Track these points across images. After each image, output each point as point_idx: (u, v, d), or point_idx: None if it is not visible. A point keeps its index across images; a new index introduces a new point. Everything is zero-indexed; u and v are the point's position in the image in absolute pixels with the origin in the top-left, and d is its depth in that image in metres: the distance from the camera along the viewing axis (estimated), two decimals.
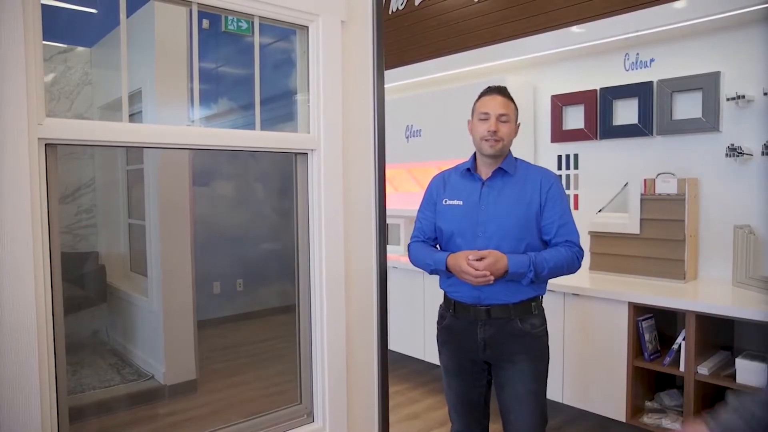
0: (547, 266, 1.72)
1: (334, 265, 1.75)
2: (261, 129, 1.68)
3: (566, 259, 1.75)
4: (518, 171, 1.83)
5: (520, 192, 1.79)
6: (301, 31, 1.74)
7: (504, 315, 1.78)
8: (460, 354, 1.88)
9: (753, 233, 2.58)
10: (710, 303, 2.37)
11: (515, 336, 1.78)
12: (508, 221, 1.76)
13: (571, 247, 1.77)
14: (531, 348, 1.79)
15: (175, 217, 3.29)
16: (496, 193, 1.81)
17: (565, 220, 1.78)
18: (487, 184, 1.83)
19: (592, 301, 2.69)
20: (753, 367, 2.26)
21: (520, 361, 1.78)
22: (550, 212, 1.78)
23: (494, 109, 1.80)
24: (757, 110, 2.61)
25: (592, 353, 2.70)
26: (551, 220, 1.77)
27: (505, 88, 1.86)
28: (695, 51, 2.80)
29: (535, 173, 1.83)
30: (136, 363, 3.52)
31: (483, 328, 1.80)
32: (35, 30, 1.23)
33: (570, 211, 1.83)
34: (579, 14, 3.20)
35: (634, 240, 2.87)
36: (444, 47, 4.00)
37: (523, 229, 1.76)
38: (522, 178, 1.82)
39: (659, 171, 2.88)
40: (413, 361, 3.70)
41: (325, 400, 1.76)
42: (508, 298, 1.77)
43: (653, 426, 2.51)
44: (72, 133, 1.31)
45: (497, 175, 1.83)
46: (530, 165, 1.89)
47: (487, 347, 1.80)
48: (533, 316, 1.80)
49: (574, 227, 1.80)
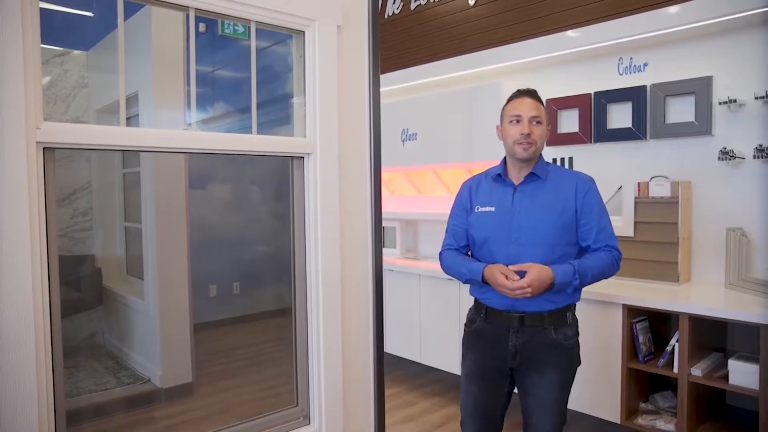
0: (590, 273, 1.70)
1: (330, 268, 1.76)
2: (257, 133, 1.70)
3: (607, 264, 1.72)
4: (550, 175, 1.80)
5: (554, 198, 1.75)
6: (297, 36, 1.76)
7: (538, 323, 1.74)
8: (486, 360, 1.83)
9: (745, 236, 2.61)
10: (703, 305, 2.39)
11: (548, 346, 1.75)
12: (542, 228, 1.73)
13: (611, 251, 1.74)
14: (561, 360, 1.76)
15: (171, 220, 3.29)
16: (529, 199, 1.77)
17: (603, 225, 1.76)
18: (519, 189, 1.79)
19: (586, 304, 2.71)
20: (745, 368, 2.28)
21: (548, 373, 1.75)
22: (588, 218, 1.74)
23: (526, 111, 1.76)
24: (748, 114, 2.64)
25: (587, 355, 2.70)
26: (590, 226, 1.74)
27: (534, 91, 1.84)
28: (688, 55, 2.83)
29: (569, 178, 1.80)
30: (133, 366, 3.52)
31: (515, 336, 1.75)
32: (33, 34, 1.24)
33: (607, 214, 1.80)
34: (573, 19, 3.23)
35: (628, 243, 2.88)
36: (440, 51, 4.02)
37: (557, 235, 1.73)
38: (555, 183, 1.78)
39: (653, 174, 2.90)
40: (409, 364, 3.71)
41: (321, 403, 1.77)
42: (542, 306, 1.73)
43: (648, 427, 2.53)
44: (70, 137, 1.32)
45: (529, 180, 1.79)
46: (562, 169, 1.87)
47: (517, 354, 1.76)
48: (567, 326, 1.77)
49: (611, 231, 1.78)
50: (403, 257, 4.08)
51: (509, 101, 1.84)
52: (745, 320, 2.25)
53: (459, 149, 3.69)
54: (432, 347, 3.52)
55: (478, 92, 3.57)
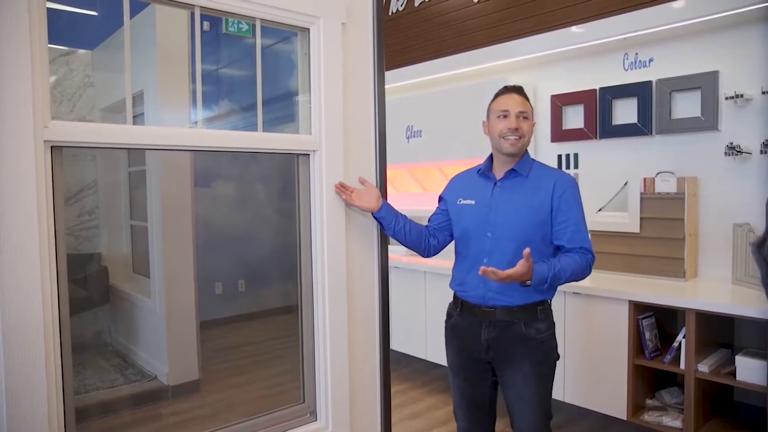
0: (563, 276, 1.70)
1: (335, 266, 1.77)
2: (263, 130, 1.70)
3: (581, 267, 1.73)
4: (532, 172, 1.81)
5: (531, 194, 1.77)
6: (302, 33, 1.76)
7: (508, 318, 1.77)
8: (464, 353, 1.89)
9: (752, 231, 2.59)
10: (710, 301, 2.38)
11: (518, 340, 1.77)
12: (515, 222, 1.75)
13: (585, 254, 1.75)
14: (534, 353, 1.77)
15: (177, 218, 3.30)
16: (507, 193, 1.80)
17: (579, 227, 1.76)
18: (499, 184, 1.83)
19: (592, 300, 2.70)
20: (753, 364, 2.27)
21: (522, 366, 1.77)
22: (564, 216, 1.75)
23: (513, 106, 1.79)
24: (755, 109, 2.62)
25: (593, 352, 2.72)
26: (564, 225, 1.75)
27: (521, 87, 1.86)
28: (694, 50, 2.81)
29: (550, 177, 1.80)
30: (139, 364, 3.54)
31: (487, 330, 1.80)
32: (41, 33, 1.24)
33: (584, 216, 1.80)
34: (578, 14, 3.22)
35: (634, 239, 2.88)
36: (444, 48, 4.02)
37: (530, 231, 1.75)
38: (535, 181, 1.79)
39: (659, 170, 2.89)
40: (415, 361, 3.71)
41: (327, 399, 1.77)
42: (512, 300, 1.76)
43: (654, 424, 2.52)
44: (77, 136, 1.32)
45: (510, 175, 1.82)
46: (547, 167, 1.87)
47: (490, 349, 1.81)
48: (538, 320, 1.78)
49: (587, 234, 1.79)
50: (409, 254, 4.08)
51: (496, 97, 1.87)
52: (752, 316, 2.24)
53: (464, 146, 3.68)
54: (438, 344, 3.51)
55: (483, 89, 3.54)
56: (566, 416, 2.95)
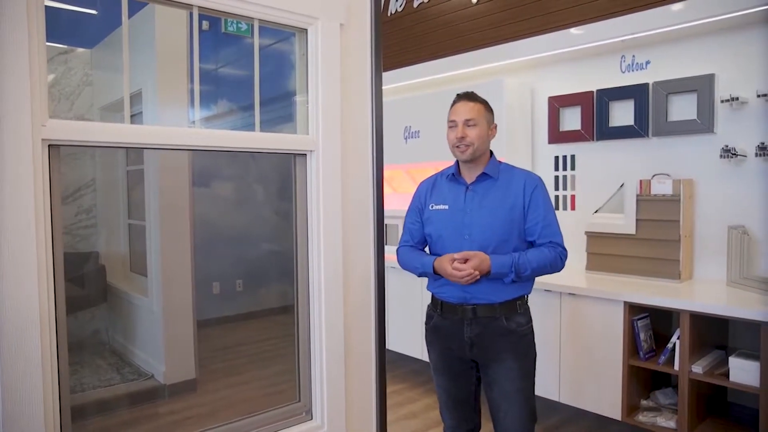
0: (529, 267, 1.75)
1: (332, 265, 1.77)
2: (261, 130, 1.71)
3: (549, 260, 1.78)
4: (501, 174, 1.86)
5: (503, 196, 1.82)
6: (300, 34, 1.77)
7: (490, 314, 1.81)
8: (447, 353, 1.91)
9: (747, 234, 2.61)
10: (704, 302, 2.39)
11: (501, 335, 1.81)
12: (491, 224, 1.79)
13: (555, 247, 1.80)
14: (517, 346, 1.82)
15: (175, 217, 3.31)
16: (480, 197, 1.84)
17: (549, 222, 1.81)
18: (471, 188, 1.86)
19: (588, 301, 2.72)
20: (746, 365, 2.28)
21: (506, 360, 1.81)
22: (534, 214, 1.81)
23: (460, 115, 1.82)
24: (750, 112, 2.64)
25: (588, 352, 2.73)
26: (535, 222, 1.81)
27: (472, 93, 1.88)
28: (690, 53, 2.83)
29: (519, 177, 1.85)
30: (136, 362, 3.54)
31: (469, 327, 1.82)
32: (39, 32, 1.25)
33: (554, 212, 1.86)
34: (576, 17, 3.23)
35: (629, 240, 2.89)
36: (442, 49, 4.03)
37: (506, 231, 1.80)
38: (505, 182, 1.84)
39: (655, 172, 2.91)
40: (411, 361, 3.72)
41: (323, 398, 1.78)
42: (493, 297, 1.80)
43: (648, 424, 2.54)
44: (75, 134, 1.33)
45: (481, 179, 1.85)
46: (514, 168, 1.91)
47: (474, 346, 1.83)
48: (518, 314, 1.83)
49: (557, 228, 1.84)
50: None
51: (451, 106, 1.89)
52: (746, 317, 2.25)
53: None
54: None
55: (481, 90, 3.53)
56: (561, 417, 2.96)
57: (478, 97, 1.88)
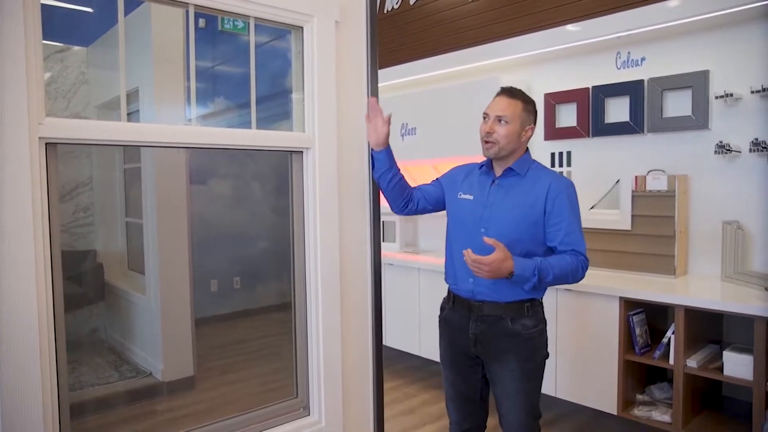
0: (552, 273, 1.68)
1: (328, 262, 1.78)
2: (258, 128, 1.71)
3: (571, 268, 1.71)
4: (530, 173, 1.80)
5: (526, 195, 1.77)
6: (296, 32, 1.77)
7: (495, 313, 1.78)
8: (454, 346, 1.91)
9: (741, 229, 2.63)
10: (699, 297, 2.41)
11: (505, 335, 1.78)
12: (508, 221, 1.76)
13: (577, 256, 1.73)
14: (520, 349, 1.77)
15: (172, 215, 3.31)
16: (503, 192, 1.80)
17: (572, 229, 1.74)
18: (497, 182, 1.83)
19: (584, 296, 2.73)
20: (740, 359, 2.31)
21: (509, 361, 1.78)
22: (556, 219, 1.74)
23: (493, 109, 1.78)
24: (744, 108, 2.65)
25: (585, 348, 2.75)
26: (557, 228, 1.74)
27: (514, 89, 1.81)
28: (685, 50, 2.84)
29: (546, 178, 1.79)
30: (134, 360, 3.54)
31: (475, 324, 1.82)
32: (35, 30, 1.25)
33: (579, 221, 1.78)
34: (571, 13, 3.24)
35: (625, 236, 2.91)
36: (438, 46, 4.03)
37: (522, 231, 1.75)
38: (532, 181, 1.79)
39: (650, 168, 2.92)
40: (410, 357, 3.74)
41: (320, 395, 1.79)
42: (500, 296, 1.77)
43: (644, 418, 2.56)
44: (72, 133, 1.33)
45: (507, 174, 1.82)
46: (545, 169, 1.85)
47: (477, 343, 1.82)
48: (526, 317, 1.78)
49: (581, 237, 1.76)
50: (403, 251, 4.11)
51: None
52: (739, 312, 2.27)
53: (458, 144, 3.70)
54: (431, 341, 3.53)
55: (477, 87, 3.58)
56: (558, 411, 2.98)
57: (521, 94, 1.80)
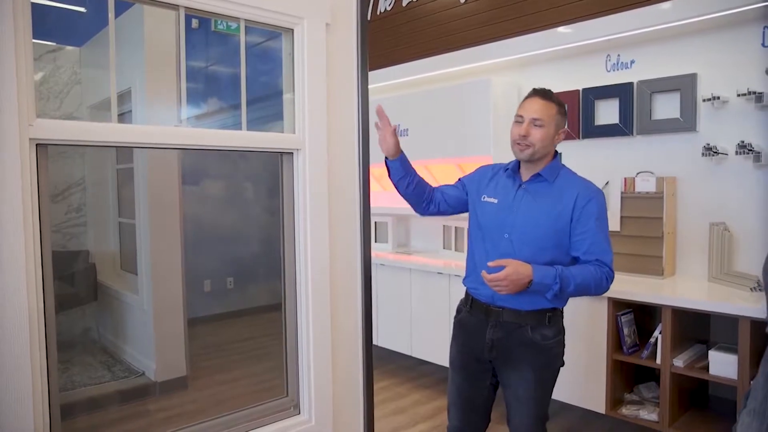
0: (573, 282, 1.63)
1: (319, 262, 1.80)
2: (251, 128, 1.73)
3: (595, 278, 1.65)
4: (559, 180, 1.75)
5: (553, 202, 1.72)
6: (286, 34, 1.79)
7: (515, 320, 1.74)
8: (467, 350, 1.87)
9: (728, 230, 2.66)
10: (686, 298, 2.44)
11: (523, 344, 1.74)
12: (533, 228, 1.71)
13: (601, 266, 1.67)
14: (537, 358, 1.74)
15: (165, 215, 3.32)
16: (530, 197, 1.75)
17: (598, 239, 1.68)
18: (524, 187, 1.78)
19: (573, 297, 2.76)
20: (725, 359, 2.34)
21: (524, 370, 1.75)
22: (582, 228, 1.68)
23: (529, 112, 1.72)
24: (731, 111, 2.69)
25: (573, 348, 2.75)
26: (583, 237, 1.68)
27: (548, 91, 1.76)
28: (674, 53, 2.87)
29: (575, 186, 1.73)
30: (127, 360, 3.55)
31: (492, 330, 1.78)
32: (25, 29, 1.24)
33: (607, 230, 1.73)
34: (562, 16, 3.27)
35: (614, 237, 2.92)
36: (431, 48, 4.05)
37: (547, 239, 1.70)
38: (560, 188, 1.74)
39: (639, 170, 2.95)
40: (401, 357, 3.76)
41: (311, 393, 1.81)
42: (521, 305, 1.72)
43: (631, 417, 2.59)
44: (63, 134, 1.34)
45: (535, 179, 1.76)
46: (575, 176, 1.80)
47: (493, 348, 1.78)
48: (546, 327, 1.74)
49: (607, 247, 1.70)
50: (395, 252, 4.12)
51: (523, 100, 1.80)
52: (724, 312, 2.30)
53: (450, 145, 3.72)
54: (423, 340, 3.57)
55: (469, 89, 3.60)
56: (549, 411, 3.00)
57: (555, 97, 1.75)
